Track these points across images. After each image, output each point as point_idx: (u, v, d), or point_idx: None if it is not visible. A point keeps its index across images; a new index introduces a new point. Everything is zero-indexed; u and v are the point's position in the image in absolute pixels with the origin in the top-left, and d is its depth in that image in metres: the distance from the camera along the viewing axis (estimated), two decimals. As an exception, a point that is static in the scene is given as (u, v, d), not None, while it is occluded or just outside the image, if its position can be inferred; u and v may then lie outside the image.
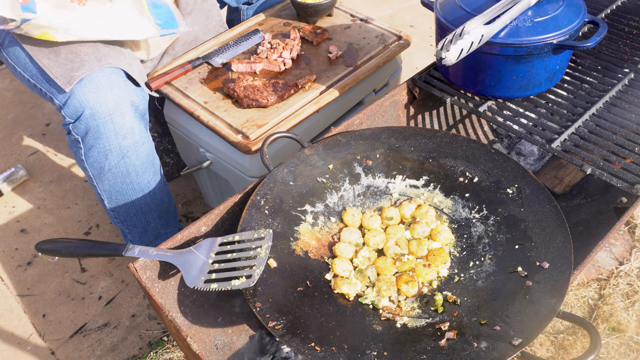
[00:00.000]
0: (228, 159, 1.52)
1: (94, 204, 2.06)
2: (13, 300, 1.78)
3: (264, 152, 1.15)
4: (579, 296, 1.62)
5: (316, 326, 0.91)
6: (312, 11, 1.75)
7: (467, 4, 1.26)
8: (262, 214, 1.05)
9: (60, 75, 1.32)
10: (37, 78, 1.37)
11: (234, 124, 1.44)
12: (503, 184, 1.10)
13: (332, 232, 1.12)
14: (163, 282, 1.03)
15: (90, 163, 1.42)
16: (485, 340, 0.85)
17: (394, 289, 1.00)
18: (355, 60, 1.61)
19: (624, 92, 1.33)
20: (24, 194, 2.13)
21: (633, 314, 1.55)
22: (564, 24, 1.20)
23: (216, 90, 1.54)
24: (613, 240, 1.73)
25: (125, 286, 1.79)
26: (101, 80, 1.33)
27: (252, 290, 0.91)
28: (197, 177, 1.85)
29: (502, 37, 1.19)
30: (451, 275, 1.03)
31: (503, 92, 1.32)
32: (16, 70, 1.41)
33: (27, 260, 1.89)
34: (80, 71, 1.32)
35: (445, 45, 1.13)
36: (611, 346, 1.49)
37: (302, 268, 1.03)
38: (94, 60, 1.35)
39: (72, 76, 1.32)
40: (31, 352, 1.64)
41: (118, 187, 1.47)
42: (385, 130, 1.21)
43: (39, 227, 2.00)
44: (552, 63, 1.25)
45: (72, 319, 1.72)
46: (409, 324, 0.95)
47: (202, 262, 0.96)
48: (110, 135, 1.35)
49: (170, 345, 1.61)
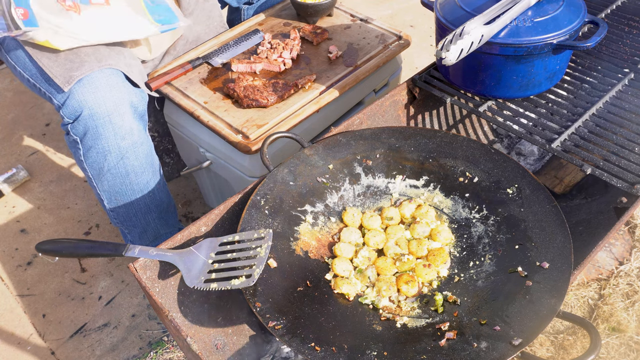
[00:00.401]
0: (228, 159, 1.52)
1: (94, 204, 2.06)
2: (13, 300, 1.78)
3: (264, 152, 1.15)
4: (579, 296, 1.62)
5: (316, 326, 0.91)
6: (312, 11, 1.75)
7: (467, 4, 1.26)
8: (262, 214, 1.05)
9: (59, 74, 1.32)
10: (36, 77, 1.37)
11: (234, 124, 1.44)
12: (503, 184, 1.10)
13: (332, 232, 1.12)
14: (163, 282, 1.03)
15: (90, 164, 1.42)
16: (485, 340, 0.85)
17: (394, 289, 1.01)
18: (355, 60, 1.61)
19: (624, 92, 1.33)
20: (24, 194, 2.13)
21: (633, 314, 1.55)
22: (564, 24, 1.20)
23: (216, 90, 1.54)
24: (613, 240, 1.73)
25: (125, 286, 1.79)
26: (100, 81, 1.33)
27: (252, 290, 0.91)
28: (197, 177, 1.85)
29: (502, 37, 1.19)
30: (451, 275, 1.03)
31: (503, 92, 1.32)
32: (16, 70, 1.41)
33: (27, 260, 1.89)
34: (80, 71, 1.32)
35: (445, 45, 1.13)
36: (611, 346, 1.49)
37: (302, 268, 1.03)
38: (93, 61, 1.35)
39: (71, 76, 1.32)
40: (31, 352, 1.64)
41: (117, 187, 1.47)
42: (385, 130, 1.21)
43: (39, 227, 2.00)
44: (552, 63, 1.25)
45: (72, 319, 1.72)
46: (409, 324, 0.95)
47: (202, 262, 0.96)
48: (109, 136, 1.35)
49: (170, 345, 1.61)
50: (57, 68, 1.33)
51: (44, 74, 1.35)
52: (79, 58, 1.35)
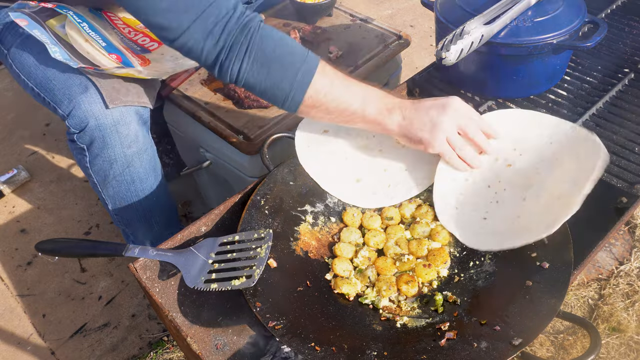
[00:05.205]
0: (228, 159, 1.52)
1: (94, 204, 2.06)
2: (13, 300, 1.78)
3: (264, 152, 1.15)
4: (579, 296, 1.62)
5: (316, 326, 0.91)
6: (312, 11, 1.75)
7: (467, 4, 1.26)
8: (262, 214, 1.05)
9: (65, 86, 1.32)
10: (41, 87, 1.36)
11: (234, 125, 1.44)
12: (503, 184, 1.10)
13: (332, 232, 1.12)
14: (163, 282, 1.03)
15: (95, 171, 1.41)
16: (485, 340, 0.85)
17: (394, 289, 1.00)
18: (355, 60, 1.61)
19: (624, 92, 1.33)
20: (24, 194, 2.13)
21: (633, 314, 1.55)
22: (564, 24, 1.20)
23: (217, 91, 1.54)
24: (613, 240, 1.73)
25: (125, 286, 1.79)
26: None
27: (252, 290, 0.91)
28: (197, 177, 1.85)
29: (502, 37, 1.19)
30: (451, 275, 1.03)
31: (503, 92, 1.32)
32: (20, 78, 1.40)
33: (27, 260, 1.89)
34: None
35: (445, 45, 1.13)
36: (611, 346, 1.49)
37: (302, 268, 1.03)
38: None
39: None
40: (31, 352, 1.64)
41: (122, 194, 1.46)
42: (385, 130, 1.21)
43: (39, 227, 2.00)
44: (552, 63, 1.25)
45: (72, 319, 1.72)
46: (409, 324, 0.95)
47: (202, 262, 0.96)
48: (115, 145, 1.34)
49: (170, 345, 1.61)
50: (64, 79, 1.33)
51: (49, 83, 1.34)
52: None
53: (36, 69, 1.35)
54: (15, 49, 1.38)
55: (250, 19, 0.99)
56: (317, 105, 1.02)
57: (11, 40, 1.39)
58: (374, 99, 1.04)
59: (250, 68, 0.99)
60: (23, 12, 1.26)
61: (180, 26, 0.97)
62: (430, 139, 1.03)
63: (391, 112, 1.04)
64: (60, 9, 1.28)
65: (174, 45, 1.01)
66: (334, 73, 1.03)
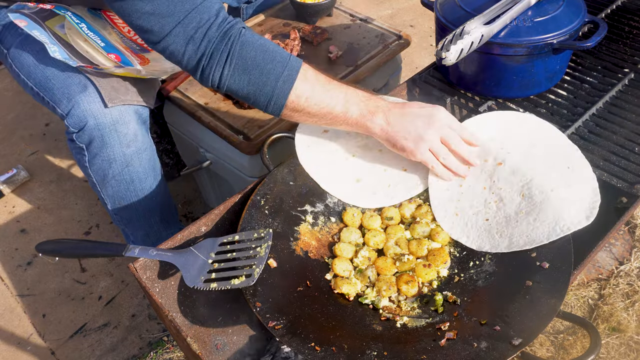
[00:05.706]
0: (228, 159, 1.52)
1: (94, 204, 2.06)
2: (13, 300, 1.78)
3: (264, 152, 1.15)
4: (579, 296, 1.62)
5: (316, 326, 0.91)
6: (312, 11, 1.75)
7: (467, 4, 1.26)
8: (262, 214, 1.05)
9: (65, 85, 1.32)
10: (40, 86, 1.36)
11: (234, 125, 1.44)
12: (503, 184, 1.10)
13: (332, 232, 1.12)
14: (163, 282, 1.03)
15: (94, 170, 1.41)
16: (485, 340, 0.85)
17: (394, 289, 1.00)
18: (355, 60, 1.61)
19: (624, 92, 1.33)
20: (24, 194, 2.13)
21: (633, 314, 1.55)
22: (564, 24, 1.20)
23: (217, 91, 1.54)
24: (613, 240, 1.73)
25: (125, 286, 1.80)
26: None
27: (252, 290, 0.91)
28: (197, 177, 1.85)
29: (502, 37, 1.19)
30: (451, 275, 1.03)
31: (503, 92, 1.32)
32: (19, 77, 1.40)
33: (27, 260, 1.89)
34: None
35: (445, 45, 1.13)
36: (611, 346, 1.49)
37: (302, 268, 1.02)
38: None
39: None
40: (31, 352, 1.64)
41: (122, 193, 1.46)
42: (385, 130, 1.21)
43: (39, 227, 2.00)
44: (552, 63, 1.25)
45: (72, 319, 1.72)
46: (409, 324, 0.95)
47: (202, 262, 0.96)
48: (114, 144, 1.35)
49: (170, 345, 1.61)
50: (63, 79, 1.33)
51: (49, 82, 1.34)
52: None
53: (35, 69, 1.35)
54: (15, 48, 1.38)
55: (232, 26, 1.01)
56: (299, 109, 1.04)
57: (11, 40, 1.39)
58: (356, 102, 1.06)
59: (231, 75, 1.01)
60: (22, 13, 1.26)
61: (162, 30, 0.98)
62: (414, 148, 1.06)
63: (374, 114, 1.06)
64: (58, 10, 1.28)
65: (156, 48, 1.02)
66: (316, 77, 1.05)
